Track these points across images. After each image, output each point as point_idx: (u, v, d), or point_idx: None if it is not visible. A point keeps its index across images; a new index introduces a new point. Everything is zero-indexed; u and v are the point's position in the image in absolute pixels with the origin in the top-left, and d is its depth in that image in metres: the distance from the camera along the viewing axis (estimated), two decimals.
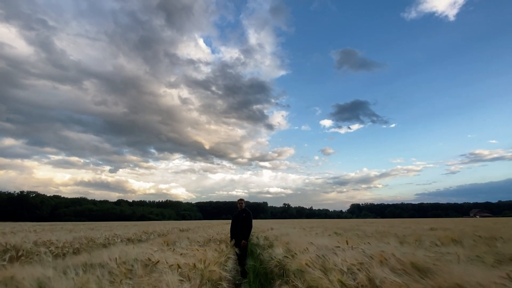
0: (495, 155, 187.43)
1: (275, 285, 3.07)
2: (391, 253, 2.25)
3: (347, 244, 3.33)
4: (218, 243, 5.77)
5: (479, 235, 4.23)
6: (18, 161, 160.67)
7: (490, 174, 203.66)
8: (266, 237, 7.17)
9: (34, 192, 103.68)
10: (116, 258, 2.80)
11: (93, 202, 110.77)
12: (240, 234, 5.75)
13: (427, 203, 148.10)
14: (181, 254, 3.66)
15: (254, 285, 3.61)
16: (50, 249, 4.69)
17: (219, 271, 2.91)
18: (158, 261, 2.84)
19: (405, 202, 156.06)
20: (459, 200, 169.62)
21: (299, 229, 9.69)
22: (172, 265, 2.76)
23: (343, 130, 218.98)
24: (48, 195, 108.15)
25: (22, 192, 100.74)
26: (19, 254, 4.13)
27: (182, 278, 2.35)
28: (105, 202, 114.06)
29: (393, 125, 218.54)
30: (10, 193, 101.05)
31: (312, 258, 2.82)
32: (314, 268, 2.48)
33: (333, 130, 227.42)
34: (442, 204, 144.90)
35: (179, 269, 2.69)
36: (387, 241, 4.14)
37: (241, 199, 6.31)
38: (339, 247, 3.28)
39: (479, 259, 2.36)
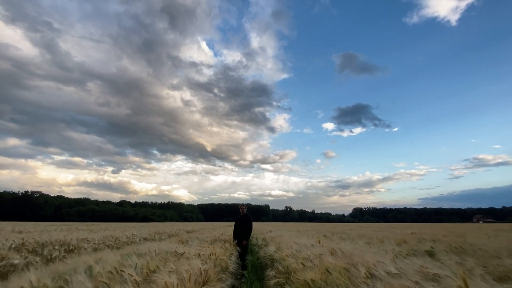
0: (499, 160, 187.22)
1: (266, 272, 4.28)
2: (339, 248, 3.48)
3: (319, 243, 4.55)
4: (223, 242, 6.97)
5: (424, 238, 5.42)
6: (22, 161, 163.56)
7: (494, 179, 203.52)
8: (264, 239, 8.39)
9: (38, 192, 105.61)
10: (155, 250, 4.04)
11: (96, 202, 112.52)
12: (242, 235, 6.93)
13: (430, 208, 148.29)
14: (196, 249, 4.88)
15: (252, 274, 4.83)
16: (90, 244, 5.94)
17: (226, 260, 4.13)
18: (184, 252, 4.06)
19: (407, 207, 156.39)
20: (463, 205, 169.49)
21: (294, 232, 10.88)
22: (194, 255, 3.96)
23: (345, 134, 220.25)
24: (51, 195, 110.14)
25: (26, 192, 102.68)
26: (70, 248, 5.38)
27: (202, 262, 3.55)
28: (108, 203, 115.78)
29: (395, 129, 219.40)
30: (14, 192, 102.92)
31: (292, 252, 4.05)
32: (291, 257, 3.70)
33: (335, 133, 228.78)
34: (445, 209, 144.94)
35: (199, 257, 3.89)
36: (357, 242, 5.36)
37: (243, 205, 7.51)
38: (313, 245, 4.51)
39: (399, 253, 3.56)
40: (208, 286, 2.80)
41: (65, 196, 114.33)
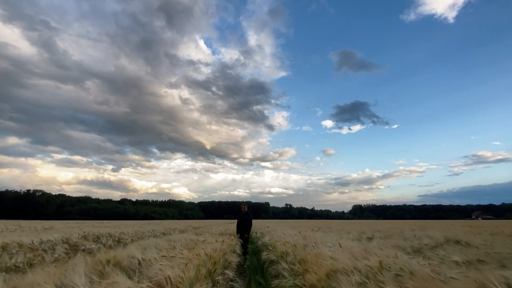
0: (499, 157, 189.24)
1: (261, 254, 6.20)
2: (309, 235, 5.40)
3: (300, 233, 6.48)
4: (228, 235, 8.88)
5: (378, 230, 7.34)
6: (22, 159, 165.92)
7: (494, 176, 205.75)
8: (262, 232, 10.33)
9: (40, 191, 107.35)
10: (184, 238, 5.94)
11: (97, 201, 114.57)
12: (244, 230, 8.82)
13: (430, 205, 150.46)
14: (211, 239, 6.79)
15: (251, 255, 6.76)
16: (127, 236, 7.84)
17: (234, 245, 6.05)
18: (205, 240, 5.95)
19: (407, 204, 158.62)
20: (462, 202, 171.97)
21: (289, 227, 12.81)
22: (212, 241, 5.85)
23: (344, 131, 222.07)
24: (53, 193, 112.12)
25: (28, 190, 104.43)
26: (116, 239, 7.29)
27: (220, 245, 5.44)
28: (109, 201, 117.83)
29: (395, 126, 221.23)
30: (16, 191, 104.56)
31: (279, 239, 5.98)
32: (278, 242, 5.63)
33: (334, 131, 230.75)
34: (445, 206, 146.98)
35: (216, 242, 5.79)
36: (328, 233, 7.28)
37: (244, 205, 9.38)
38: (295, 234, 6.43)
39: (349, 238, 5.46)
40: (225, 257, 4.71)
41: (67, 195, 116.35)
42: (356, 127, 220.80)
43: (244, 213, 9.06)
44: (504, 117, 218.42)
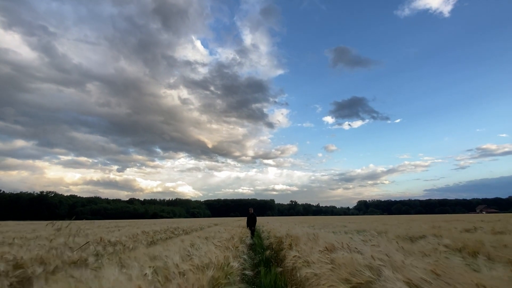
0: (506, 149, 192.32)
1: (262, 235, 12.60)
2: (283, 225, 11.82)
3: (281, 225, 12.89)
4: (242, 227, 15.28)
5: (326, 222, 13.57)
6: (29, 161, 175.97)
7: (501, 169, 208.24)
8: (263, 225, 16.77)
9: (52, 192, 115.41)
10: (223, 229, 12.30)
11: (107, 201, 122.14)
12: (251, 224, 15.16)
13: (435, 199, 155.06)
14: (234, 229, 13.17)
15: (256, 236, 13.16)
16: (176, 230, 14.27)
17: (247, 232, 12.45)
18: (233, 229, 12.28)
19: (412, 198, 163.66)
20: (469, 195, 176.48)
21: (284, 223, 19.21)
22: (236, 230, 12.17)
23: (345, 127, 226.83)
24: (65, 195, 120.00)
25: (42, 192, 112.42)
26: (182, 230, 13.71)
27: (241, 231, 11.74)
28: (118, 201, 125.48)
29: (397, 121, 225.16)
30: (30, 193, 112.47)
31: (270, 227, 12.38)
32: (268, 229, 12.03)
33: (335, 127, 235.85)
34: (451, 200, 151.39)
35: (238, 230, 12.10)
36: (299, 224, 13.66)
37: (251, 207, 15.70)
38: (279, 226, 12.81)
39: (319, 228, 11.75)
40: (242, 236, 11.06)
41: (77, 195, 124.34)
42: (357, 123, 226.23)
43: (251, 214, 15.42)
44: (510, 109, 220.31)
